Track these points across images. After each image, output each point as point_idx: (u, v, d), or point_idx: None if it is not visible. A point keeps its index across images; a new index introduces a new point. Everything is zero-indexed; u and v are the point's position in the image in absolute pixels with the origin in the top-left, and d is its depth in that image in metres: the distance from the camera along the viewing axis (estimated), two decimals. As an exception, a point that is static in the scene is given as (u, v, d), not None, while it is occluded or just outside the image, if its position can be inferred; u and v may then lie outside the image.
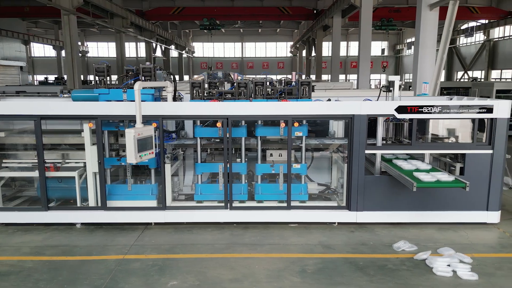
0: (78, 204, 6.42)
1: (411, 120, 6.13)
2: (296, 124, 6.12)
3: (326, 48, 37.71)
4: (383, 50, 38.04)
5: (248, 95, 6.37)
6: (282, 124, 6.13)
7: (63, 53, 46.41)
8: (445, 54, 10.41)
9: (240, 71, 49.29)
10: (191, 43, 48.57)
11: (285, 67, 50.20)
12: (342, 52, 47.28)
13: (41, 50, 48.22)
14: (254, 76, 6.69)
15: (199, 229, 6.20)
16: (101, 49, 49.76)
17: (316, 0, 29.35)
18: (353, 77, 49.92)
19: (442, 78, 39.28)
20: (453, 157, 6.55)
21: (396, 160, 6.35)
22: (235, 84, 6.33)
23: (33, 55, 47.93)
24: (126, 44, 45.82)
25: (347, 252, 5.39)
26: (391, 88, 6.76)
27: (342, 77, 47.52)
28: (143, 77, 6.30)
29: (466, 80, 31.41)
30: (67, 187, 6.59)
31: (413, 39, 42.51)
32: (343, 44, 47.36)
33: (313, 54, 33.89)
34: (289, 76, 6.95)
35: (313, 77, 34.40)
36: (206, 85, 6.45)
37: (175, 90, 6.98)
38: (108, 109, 5.98)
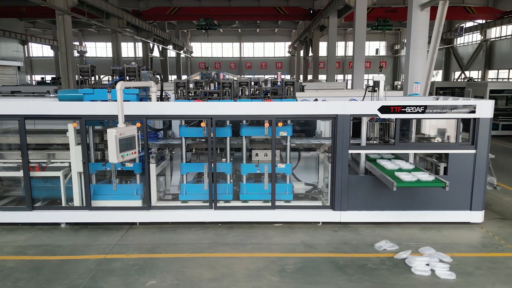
0: (63, 204, 6.44)
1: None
2: (280, 124, 6.13)
3: (324, 48, 37.82)
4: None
5: (232, 95, 6.39)
6: (266, 124, 6.14)
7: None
8: (436, 54, 10.41)
9: (239, 71, 49.30)
10: (189, 43, 48.59)
11: (283, 67, 50.19)
12: (340, 52, 47.46)
13: (40, 50, 48.26)
14: (252, 76, 6.70)
15: (184, 228, 6.21)
16: (99, 49, 49.76)
17: (313, 0, 29.43)
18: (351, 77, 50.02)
19: (440, 78, 39.37)
20: (438, 157, 6.56)
21: (380, 160, 6.37)
22: (219, 84, 6.34)
23: (31, 55, 48.02)
24: (124, 44, 46.05)
25: (329, 251, 5.41)
26: (376, 88, 6.78)
27: (340, 77, 47.65)
28: (127, 77, 6.32)
29: (462, 80, 31.39)
30: (53, 187, 6.60)
31: (411, 39, 42.63)
32: (341, 44, 47.45)
33: (311, 54, 33.91)
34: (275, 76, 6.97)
35: (310, 77, 34.46)
36: (191, 85, 6.46)
37: (161, 90, 7.03)
38: (92, 109, 5.99)
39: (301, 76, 39.37)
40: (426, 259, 4.93)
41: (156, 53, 37.86)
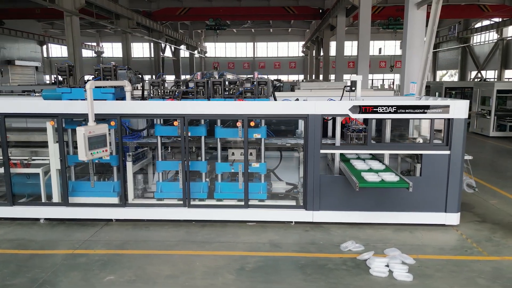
0: (43, 200, 6.62)
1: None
2: (252, 124, 6.16)
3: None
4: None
5: (207, 94, 6.45)
6: (238, 123, 6.18)
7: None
8: (430, 54, 10.21)
9: (252, 71, 49.35)
10: (203, 43, 48.95)
11: (297, 67, 50.12)
12: (355, 52, 46.99)
13: (59, 50, 49.54)
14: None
15: (157, 226, 6.30)
16: (116, 49, 50.65)
17: (323, -1, 29.30)
18: (371, 76, 49.38)
19: (456, 78, 38.51)
20: (415, 157, 6.47)
21: (353, 160, 6.32)
22: (193, 83, 6.41)
23: (51, 56, 49.33)
24: (140, 44, 46.85)
25: (293, 251, 5.40)
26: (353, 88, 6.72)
27: (354, 77, 47.10)
28: (105, 77, 6.46)
29: (473, 80, 30.68)
30: (36, 184, 6.79)
31: (427, 38, 41.84)
32: (355, 44, 46.99)
33: (322, 53, 33.70)
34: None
35: (321, 77, 34.22)
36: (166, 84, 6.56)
37: (143, 90, 7.16)
38: (67, 108, 6.15)
39: (314, 76, 39.23)
40: (385, 260, 4.88)
41: (169, 53, 38.32)
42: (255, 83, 6.61)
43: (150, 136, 7.40)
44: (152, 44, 33.19)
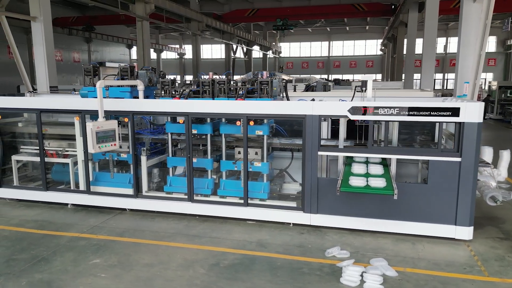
0: (72, 187, 7.37)
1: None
2: (251, 123, 6.21)
3: (419, 45, 35.24)
4: (444, 47, 34.08)
5: (212, 94, 6.64)
6: (238, 123, 6.27)
7: (162, 55, 51.20)
8: (484, 51, 9.27)
9: (326, 70, 48.63)
10: (278, 43, 49.32)
11: (374, 66, 48.11)
12: (440, 49, 43.69)
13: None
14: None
15: (162, 218, 6.66)
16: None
17: (396, -6, 27.79)
18: (452, 76, 45.71)
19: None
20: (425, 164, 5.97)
21: (355, 163, 6.01)
22: (199, 83, 6.65)
23: (140, 58, 53.48)
24: (218, 46, 48.76)
25: (276, 252, 5.35)
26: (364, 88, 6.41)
27: (439, 76, 44.04)
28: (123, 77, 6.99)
29: None
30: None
31: (527, 33, 37.33)
32: (441, 41, 43.67)
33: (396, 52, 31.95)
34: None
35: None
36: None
37: (161, 89, 7.57)
38: (88, 105, 6.78)
39: (389, 75, 37.36)
40: (360, 270, 4.62)
41: (241, 54, 39.35)
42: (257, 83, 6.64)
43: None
44: (231, 45, 34.39)
